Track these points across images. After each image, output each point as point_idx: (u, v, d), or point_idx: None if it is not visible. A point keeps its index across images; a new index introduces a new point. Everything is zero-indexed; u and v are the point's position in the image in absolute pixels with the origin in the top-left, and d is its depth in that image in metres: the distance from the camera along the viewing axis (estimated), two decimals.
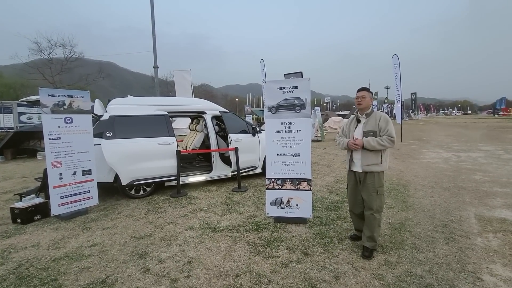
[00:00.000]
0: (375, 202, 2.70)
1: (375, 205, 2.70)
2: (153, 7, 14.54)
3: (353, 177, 2.88)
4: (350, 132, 2.87)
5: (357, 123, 2.85)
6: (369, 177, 2.72)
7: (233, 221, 3.71)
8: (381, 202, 2.74)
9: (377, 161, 2.68)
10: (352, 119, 2.94)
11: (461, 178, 5.78)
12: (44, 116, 3.63)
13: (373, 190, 2.70)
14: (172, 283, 2.35)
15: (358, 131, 2.79)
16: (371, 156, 2.69)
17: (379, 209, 2.73)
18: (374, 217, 2.71)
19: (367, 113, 2.78)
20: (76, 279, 2.45)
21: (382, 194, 2.73)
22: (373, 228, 2.72)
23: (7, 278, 2.49)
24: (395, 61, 14.35)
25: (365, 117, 2.78)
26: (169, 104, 5.51)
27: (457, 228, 3.34)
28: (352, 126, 2.89)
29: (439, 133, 17.53)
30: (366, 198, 2.75)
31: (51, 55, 19.70)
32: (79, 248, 3.03)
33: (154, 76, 16.15)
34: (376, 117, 2.74)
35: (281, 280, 2.35)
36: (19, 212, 3.77)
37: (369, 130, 2.70)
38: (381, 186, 2.72)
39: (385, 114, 2.79)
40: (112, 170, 4.59)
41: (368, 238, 2.74)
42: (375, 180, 2.70)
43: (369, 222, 2.75)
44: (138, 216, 3.99)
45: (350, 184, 2.94)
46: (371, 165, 2.69)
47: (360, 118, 2.83)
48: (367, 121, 2.75)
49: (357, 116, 2.87)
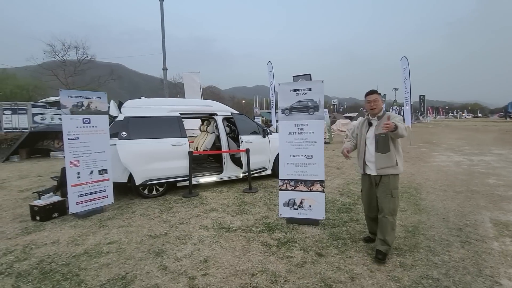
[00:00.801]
0: (388, 204, 2.66)
1: (388, 208, 2.66)
2: (162, 11, 14.80)
3: (367, 180, 2.85)
4: (362, 135, 2.84)
5: (369, 126, 2.81)
6: (384, 180, 2.69)
7: (246, 221, 3.75)
8: (395, 205, 2.70)
9: (392, 163, 2.65)
10: (363, 122, 2.91)
11: (474, 181, 5.70)
12: (64, 116, 3.74)
13: (387, 192, 2.67)
14: (190, 281, 2.40)
15: (371, 134, 2.76)
16: (384, 159, 2.65)
17: (393, 212, 2.68)
18: (387, 220, 2.66)
19: (379, 116, 2.75)
20: (97, 275, 2.52)
21: (396, 197, 2.69)
22: (386, 231, 2.66)
23: (31, 273, 2.58)
24: (404, 63, 14.22)
25: (377, 119, 2.75)
26: (181, 105, 5.60)
27: (472, 232, 3.31)
28: (364, 129, 2.85)
29: (449, 136, 17.26)
30: (380, 201, 2.71)
31: (65, 57, 20.22)
32: (98, 245, 3.11)
33: (163, 78, 16.40)
34: (388, 118, 2.66)
35: (297, 280, 2.38)
36: (38, 210, 3.89)
37: (381, 132, 2.65)
38: (395, 189, 2.69)
39: (395, 114, 2.77)
40: (126, 170, 4.69)
41: (382, 242, 2.68)
42: (390, 182, 2.67)
43: (382, 225, 2.70)
44: (152, 215, 4.06)
45: (365, 187, 2.91)
46: (385, 168, 2.66)
47: (372, 121, 2.80)
48: (379, 124, 2.70)
49: (368, 119, 2.84)
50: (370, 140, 2.77)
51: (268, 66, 14.96)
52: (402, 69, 14.41)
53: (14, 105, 15.08)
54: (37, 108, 15.70)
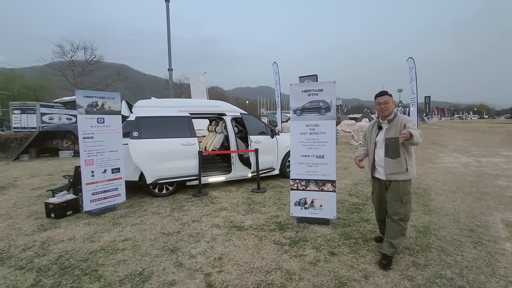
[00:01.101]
0: (399, 210, 2.56)
1: (398, 213, 2.56)
2: (168, 12, 14.92)
3: (377, 184, 2.77)
4: (372, 139, 2.74)
5: (379, 130, 2.69)
6: (394, 185, 2.58)
7: (257, 220, 3.79)
8: (406, 210, 2.57)
9: (402, 169, 2.51)
10: (373, 124, 2.79)
11: (483, 183, 5.68)
12: (79, 116, 3.83)
13: (397, 198, 2.56)
14: (206, 277, 2.44)
15: (381, 137, 2.65)
16: (394, 165, 2.53)
17: (404, 218, 2.57)
18: (397, 224, 2.56)
19: (389, 119, 2.60)
20: (115, 270, 2.58)
21: (407, 202, 2.57)
22: (395, 235, 2.57)
23: (51, 268, 2.65)
24: (410, 64, 14.17)
25: (387, 123, 2.61)
26: (191, 105, 5.67)
27: (484, 232, 3.31)
28: (374, 133, 2.73)
29: (456, 138, 17.14)
30: (390, 206, 2.61)
31: (73, 58, 20.50)
32: (113, 242, 3.17)
33: (169, 79, 16.53)
34: (398, 122, 2.54)
35: (312, 278, 2.41)
36: (53, 207, 3.97)
37: (391, 137, 2.53)
38: (406, 195, 2.57)
39: (409, 119, 2.57)
40: (137, 169, 4.77)
41: (389, 245, 2.58)
42: (400, 188, 2.55)
43: (391, 228, 2.60)
44: (163, 213, 4.12)
45: (375, 190, 2.82)
46: (394, 174, 2.55)
47: (382, 124, 2.66)
48: (389, 128, 2.58)
49: (378, 122, 2.71)
50: (379, 144, 2.66)
51: (274, 67, 15.02)
52: (408, 70, 14.36)
53: (23, 105, 15.33)
54: (45, 108, 15.95)
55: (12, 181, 6.63)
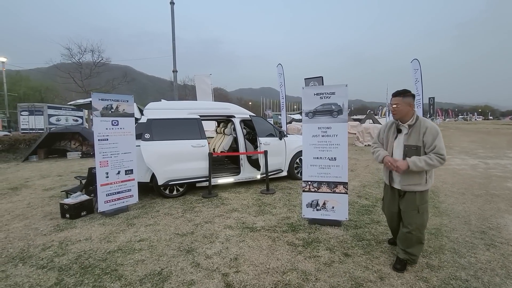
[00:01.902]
0: (415, 220, 2.45)
1: (414, 223, 2.45)
2: (173, 14, 15.03)
3: (390, 191, 2.67)
4: (389, 143, 2.54)
5: (397, 133, 2.49)
6: (410, 196, 2.46)
7: (268, 221, 3.83)
8: (423, 220, 2.46)
9: (421, 181, 2.38)
10: (391, 125, 2.59)
11: (492, 185, 5.68)
12: (95, 118, 3.91)
13: (413, 208, 2.44)
14: (224, 278, 2.50)
15: (399, 143, 2.47)
16: (413, 177, 2.39)
17: (420, 228, 2.47)
18: (412, 235, 2.45)
19: (410, 124, 2.41)
20: (134, 270, 2.64)
21: (424, 211, 2.45)
22: (410, 244, 2.49)
23: (71, 267, 2.71)
24: (415, 66, 14.14)
25: (408, 127, 2.42)
26: (200, 108, 5.74)
27: (496, 235, 3.32)
28: (392, 135, 2.54)
29: (462, 139, 17.06)
30: (405, 216, 2.50)
31: (81, 60, 20.74)
32: (129, 243, 3.24)
33: (173, 80, 16.65)
34: (421, 128, 2.35)
35: (328, 279, 2.45)
36: (68, 208, 4.05)
37: (412, 144, 2.35)
38: (423, 204, 2.45)
39: (432, 124, 2.37)
40: (149, 170, 4.84)
41: (403, 252, 2.53)
42: (416, 199, 2.43)
43: (405, 239, 2.51)
44: (176, 214, 4.19)
45: (387, 198, 2.74)
46: (412, 185, 2.42)
47: (401, 127, 2.48)
48: (410, 133, 2.38)
49: (397, 124, 2.52)
50: (397, 150, 2.47)
51: (278, 69, 15.04)
52: (413, 71, 14.33)
53: (31, 107, 15.59)
54: (53, 109, 16.20)
55: (23, 182, 6.74)
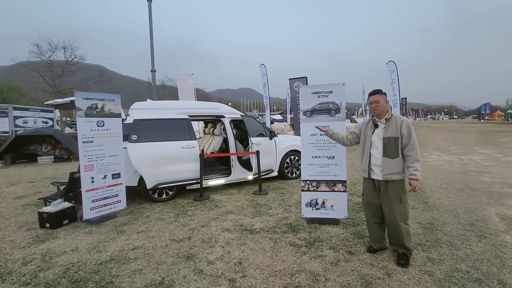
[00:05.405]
0: (399, 210, 2.57)
1: (399, 214, 2.57)
2: (151, 12, 14.50)
3: (370, 184, 2.76)
4: (367, 137, 2.72)
5: (374, 128, 2.67)
6: (391, 185, 2.59)
7: (266, 223, 3.76)
8: (406, 210, 2.60)
9: (400, 169, 2.56)
10: (368, 122, 2.77)
11: (470, 179, 6.02)
12: (79, 119, 3.61)
13: (396, 199, 2.58)
14: (231, 283, 2.38)
15: (377, 136, 2.64)
16: (393, 165, 2.55)
17: (405, 218, 2.60)
18: (401, 227, 2.58)
19: (387, 118, 2.60)
20: (132, 281, 2.45)
21: (405, 202, 2.61)
22: (403, 238, 2.59)
23: (60, 282, 2.46)
24: (390, 67, 14.75)
25: (385, 122, 2.61)
26: (190, 108, 5.54)
27: (484, 226, 3.50)
28: (369, 131, 2.71)
29: (434, 137, 18.06)
30: (389, 208, 2.61)
31: (52, 58, 19.33)
32: (122, 252, 3.02)
33: (152, 80, 16.07)
34: (397, 121, 2.56)
35: (337, 278, 2.43)
36: (48, 217, 3.71)
37: (390, 136, 2.54)
38: (404, 194, 2.60)
39: (406, 119, 2.59)
40: (136, 173, 4.59)
41: (401, 247, 2.65)
42: (398, 188, 2.58)
43: (397, 233, 2.61)
44: (168, 219, 3.98)
45: (367, 192, 2.82)
46: (393, 174, 2.56)
47: (378, 122, 2.66)
48: (388, 126, 2.58)
49: (373, 120, 2.70)
50: (375, 143, 2.65)
51: (261, 69, 15.03)
52: (389, 73, 14.97)
53: None
54: (19, 110, 14.93)
55: None
